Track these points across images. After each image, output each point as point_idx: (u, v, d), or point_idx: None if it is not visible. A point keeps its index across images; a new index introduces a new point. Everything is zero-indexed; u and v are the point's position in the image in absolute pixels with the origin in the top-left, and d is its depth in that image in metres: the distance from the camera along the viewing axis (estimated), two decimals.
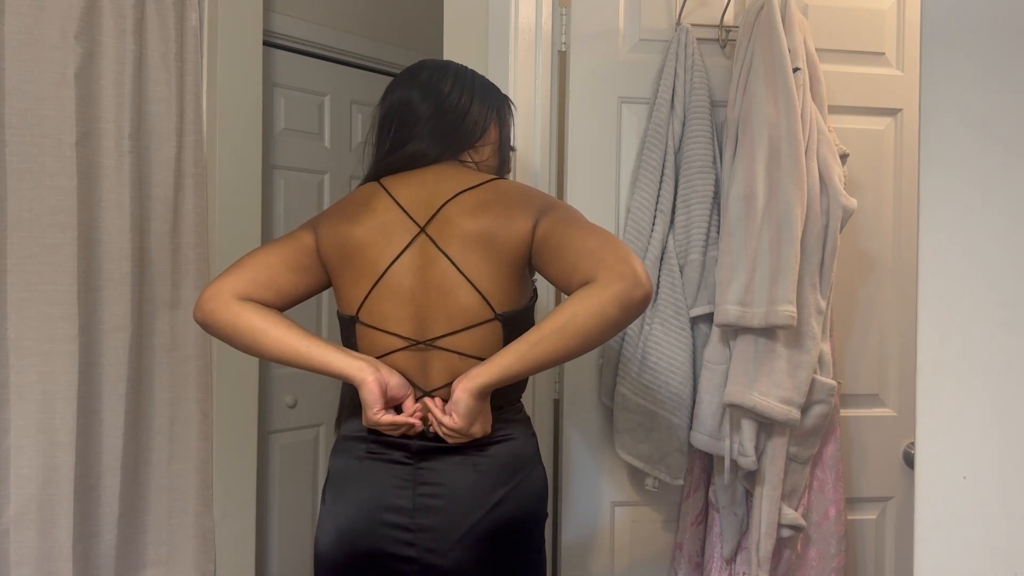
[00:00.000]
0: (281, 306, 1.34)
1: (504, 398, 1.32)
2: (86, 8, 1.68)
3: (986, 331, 0.81)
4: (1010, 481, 0.80)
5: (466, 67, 1.45)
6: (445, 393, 1.29)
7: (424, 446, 1.30)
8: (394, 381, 1.27)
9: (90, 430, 1.72)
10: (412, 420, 1.27)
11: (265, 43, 2.25)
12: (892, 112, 1.90)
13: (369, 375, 1.24)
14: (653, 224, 1.76)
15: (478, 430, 1.26)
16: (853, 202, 1.67)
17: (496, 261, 1.27)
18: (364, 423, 1.28)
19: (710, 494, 1.78)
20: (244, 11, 2.08)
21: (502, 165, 1.47)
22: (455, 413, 1.23)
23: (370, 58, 2.71)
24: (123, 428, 1.75)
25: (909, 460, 1.92)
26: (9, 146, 1.63)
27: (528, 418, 1.41)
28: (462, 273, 1.27)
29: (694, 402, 1.72)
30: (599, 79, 1.85)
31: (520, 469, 1.32)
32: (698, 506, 1.81)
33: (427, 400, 1.28)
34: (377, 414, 1.24)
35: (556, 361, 1.20)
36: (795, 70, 1.63)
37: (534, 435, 1.39)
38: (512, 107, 1.49)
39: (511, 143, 1.49)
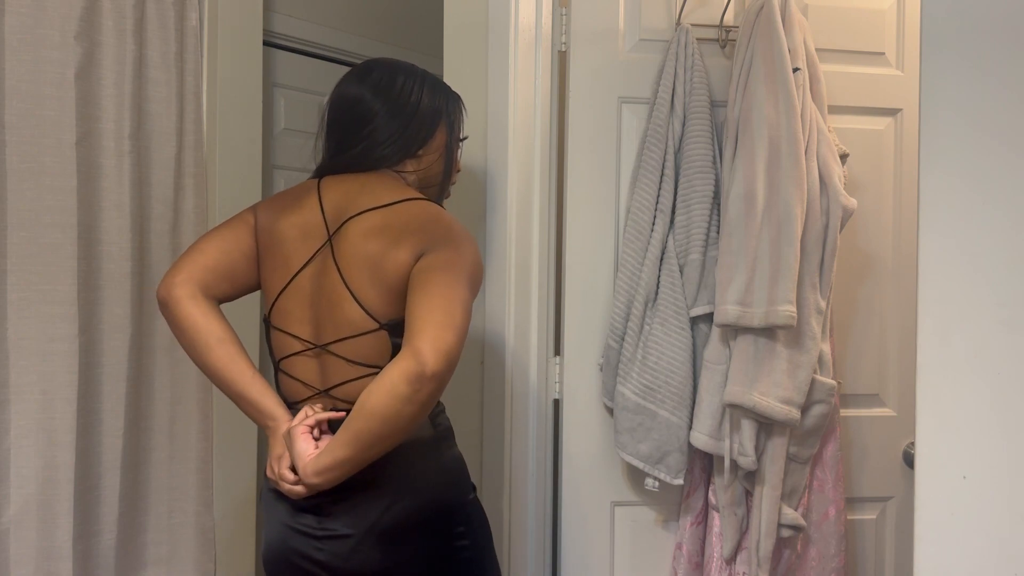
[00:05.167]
0: (236, 296, 1.42)
1: None
2: (86, 8, 1.68)
3: (986, 331, 0.81)
4: (1010, 481, 0.80)
5: (416, 66, 1.48)
6: (340, 392, 1.34)
7: None
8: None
9: (90, 430, 1.72)
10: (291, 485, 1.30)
11: (265, 43, 2.25)
12: (892, 112, 1.90)
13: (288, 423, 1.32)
14: (653, 224, 1.76)
15: (305, 486, 1.29)
16: (853, 202, 1.67)
17: (380, 283, 1.30)
18: (268, 472, 1.35)
19: (710, 494, 1.78)
20: (244, 11, 2.08)
21: (447, 170, 1.50)
22: (298, 468, 1.27)
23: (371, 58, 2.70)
24: (123, 428, 1.75)
25: (909, 460, 1.93)
26: (9, 146, 1.62)
27: (433, 411, 1.41)
28: (348, 288, 1.31)
29: (694, 402, 1.72)
30: (599, 79, 1.84)
31: (410, 468, 1.35)
32: (698, 506, 1.81)
33: (295, 430, 1.30)
34: (286, 466, 1.30)
35: (371, 442, 1.20)
36: (795, 70, 1.63)
37: (436, 427, 1.40)
38: (462, 105, 1.52)
39: (461, 134, 1.53)
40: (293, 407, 1.39)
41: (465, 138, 1.56)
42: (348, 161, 1.41)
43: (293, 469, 1.30)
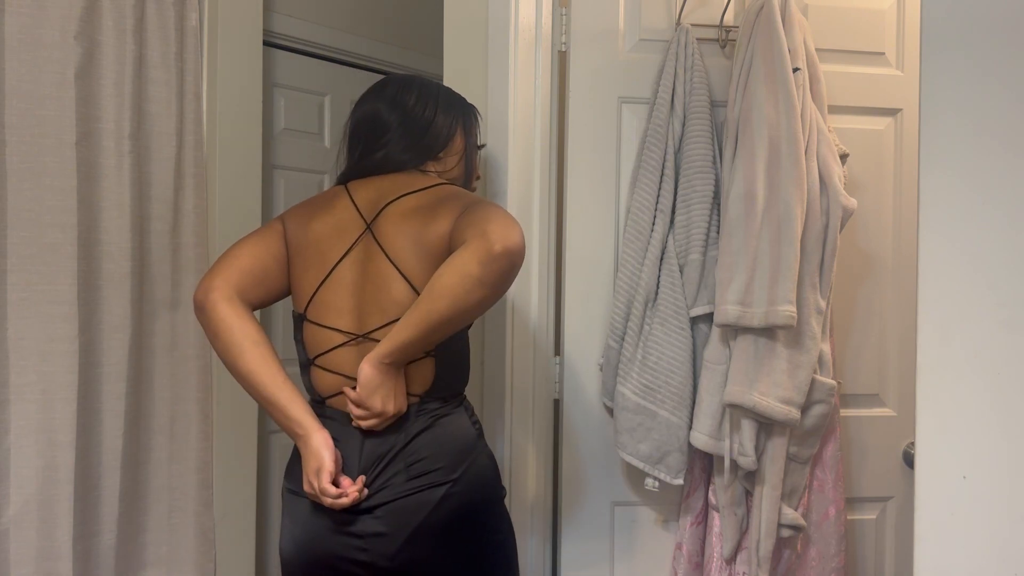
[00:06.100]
0: (268, 302, 1.44)
1: (447, 389, 1.38)
2: (86, 8, 1.68)
3: (986, 331, 0.81)
4: (1010, 481, 0.80)
5: (431, 80, 1.53)
6: None
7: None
8: (337, 453, 1.33)
9: (90, 430, 1.72)
10: (357, 492, 1.31)
11: (265, 43, 2.25)
12: (892, 112, 1.90)
13: (324, 431, 1.32)
14: (653, 224, 1.76)
15: (381, 404, 1.29)
16: (853, 202, 1.67)
17: (425, 258, 1.32)
18: (306, 487, 1.33)
19: (710, 494, 1.78)
20: (244, 11, 2.08)
21: (468, 173, 1.54)
22: (358, 385, 1.28)
23: (370, 58, 2.71)
24: (123, 428, 1.75)
25: (909, 460, 1.92)
26: (9, 146, 1.62)
27: (469, 408, 1.45)
28: (395, 266, 1.33)
29: (694, 402, 1.72)
30: (599, 79, 1.84)
31: (460, 463, 1.36)
32: (698, 506, 1.81)
33: (346, 389, 1.34)
34: (327, 480, 1.29)
35: (438, 323, 1.22)
36: (795, 70, 1.63)
37: (474, 424, 1.43)
38: (477, 115, 1.57)
39: (478, 142, 1.58)
40: (325, 402, 1.40)
41: (483, 145, 1.60)
42: (372, 164, 1.45)
43: (335, 483, 1.31)
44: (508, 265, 1.18)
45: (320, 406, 1.40)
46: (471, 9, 1.93)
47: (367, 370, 1.27)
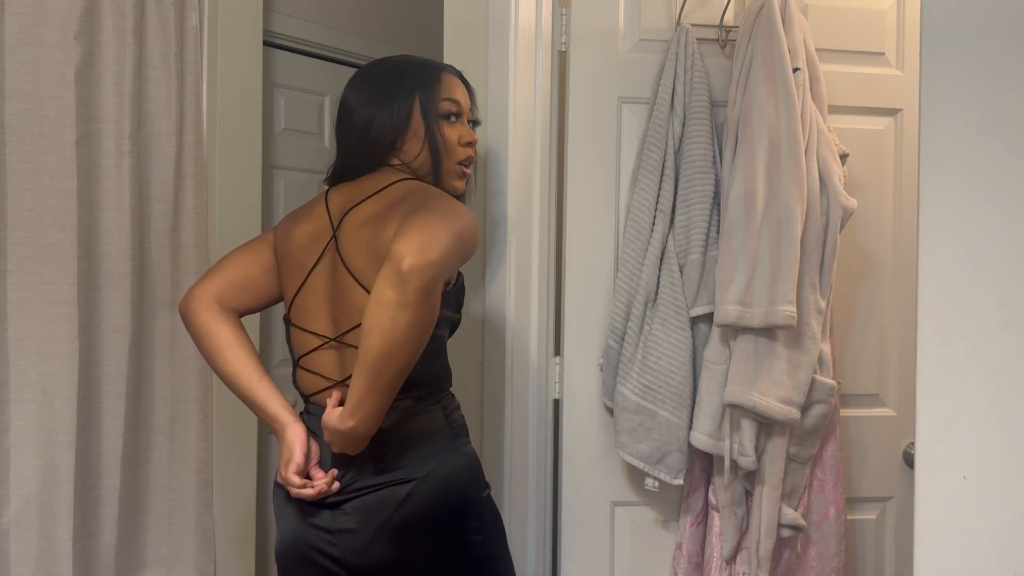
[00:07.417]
0: (257, 308, 1.48)
1: (420, 387, 1.38)
2: (86, 8, 1.68)
3: (986, 331, 0.81)
4: (1010, 481, 0.80)
5: (391, 58, 1.50)
6: None
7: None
8: (313, 447, 1.37)
9: (90, 430, 1.72)
10: (325, 484, 1.32)
11: (265, 43, 2.25)
12: (892, 112, 1.90)
13: (298, 425, 1.36)
14: (653, 224, 1.76)
15: (328, 437, 1.31)
16: (853, 202, 1.67)
17: (378, 264, 1.29)
18: (277, 477, 1.36)
19: (710, 494, 1.78)
20: (244, 11, 2.08)
21: (435, 151, 1.43)
22: (323, 423, 1.30)
23: (370, 58, 2.70)
24: (123, 428, 1.75)
25: (909, 460, 1.92)
26: (9, 146, 1.62)
27: (448, 407, 1.44)
28: (352, 275, 1.35)
29: (694, 402, 1.72)
30: (599, 79, 1.84)
31: (428, 461, 1.36)
32: (698, 506, 1.81)
33: (334, 394, 1.35)
34: (292, 471, 1.32)
35: (379, 362, 1.17)
36: (795, 70, 1.63)
37: (452, 423, 1.42)
38: (440, 76, 1.45)
39: (474, 116, 1.53)
40: (310, 399, 1.44)
41: (478, 123, 1.54)
42: (345, 166, 1.47)
43: (305, 475, 1.34)
44: (421, 281, 1.12)
45: (305, 403, 1.46)
46: (471, 9, 1.93)
47: (329, 430, 1.28)
